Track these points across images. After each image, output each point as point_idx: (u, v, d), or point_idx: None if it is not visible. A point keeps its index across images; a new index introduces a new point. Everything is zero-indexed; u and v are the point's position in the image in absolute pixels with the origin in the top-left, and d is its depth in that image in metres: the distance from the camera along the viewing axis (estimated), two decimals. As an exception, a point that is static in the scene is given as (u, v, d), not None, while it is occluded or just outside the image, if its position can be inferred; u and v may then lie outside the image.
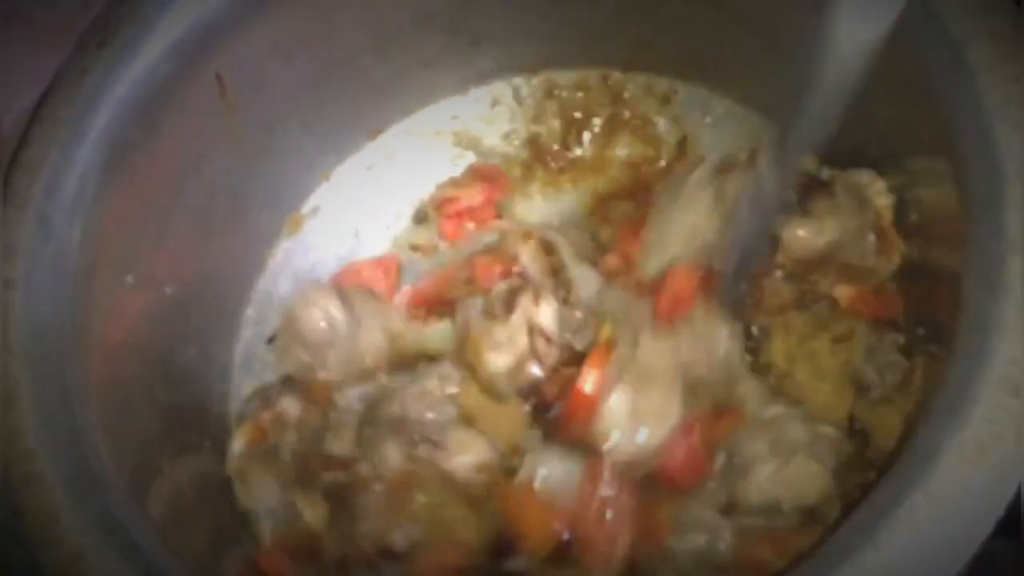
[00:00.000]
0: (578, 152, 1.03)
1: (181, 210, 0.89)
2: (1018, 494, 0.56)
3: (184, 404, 0.88)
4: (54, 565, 0.64)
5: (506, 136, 1.05)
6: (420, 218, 1.03)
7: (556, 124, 1.03)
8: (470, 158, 1.05)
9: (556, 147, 1.03)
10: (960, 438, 0.56)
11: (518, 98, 1.05)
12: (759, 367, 0.82)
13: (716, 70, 0.98)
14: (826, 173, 0.83)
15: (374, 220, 1.04)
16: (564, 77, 1.03)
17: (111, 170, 0.80)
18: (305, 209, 1.03)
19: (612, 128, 1.02)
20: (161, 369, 0.87)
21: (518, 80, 1.04)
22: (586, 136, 1.03)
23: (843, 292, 0.81)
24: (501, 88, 1.05)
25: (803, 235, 0.80)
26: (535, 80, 1.04)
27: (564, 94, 1.03)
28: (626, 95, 1.02)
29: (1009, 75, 0.66)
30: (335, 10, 0.91)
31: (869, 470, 0.73)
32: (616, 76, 1.02)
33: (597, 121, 1.02)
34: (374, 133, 1.04)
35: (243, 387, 0.96)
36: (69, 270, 0.76)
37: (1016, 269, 0.59)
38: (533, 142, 1.04)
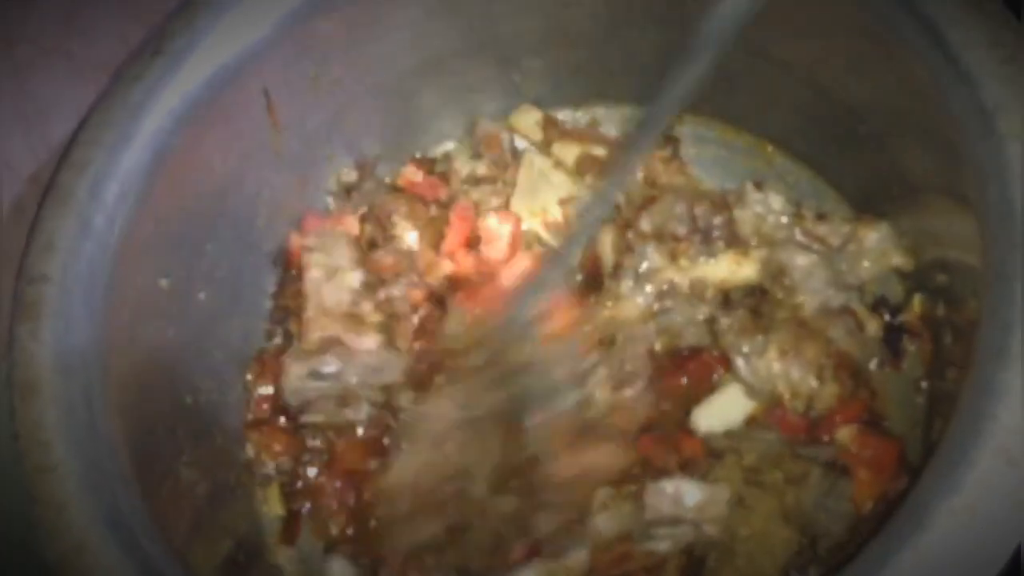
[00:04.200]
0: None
1: (220, 220, 0.91)
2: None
3: (208, 410, 0.90)
4: (57, 556, 0.66)
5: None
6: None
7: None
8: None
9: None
10: (951, 503, 0.55)
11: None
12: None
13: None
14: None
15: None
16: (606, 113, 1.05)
17: (154, 176, 0.82)
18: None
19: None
20: (189, 373, 0.89)
21: (563, 112, 1.05)
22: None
23: (847, 434, 0.81)
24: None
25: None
26: (579, 113, 1.05)
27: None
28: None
29: (1039, 144, 0.65)
30: (384, 36, 0.93)
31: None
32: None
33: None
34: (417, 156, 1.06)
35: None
36: (105, 270, 0.78)
37: (1024, 338, 0.59)
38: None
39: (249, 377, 0.94)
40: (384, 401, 0.91)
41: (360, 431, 0.91)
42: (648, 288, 0.89)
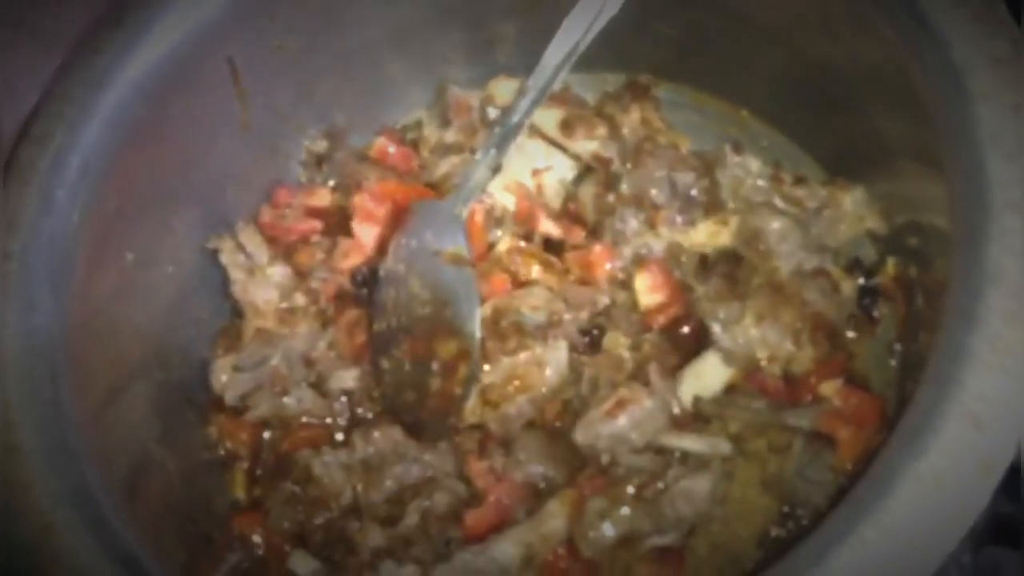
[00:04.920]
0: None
1: (188, 194, 0.90)
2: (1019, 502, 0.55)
3: (179, 385, 0.89)
4: (24, 536, 0.65)
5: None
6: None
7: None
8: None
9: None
10: (917, 468, 0.55)
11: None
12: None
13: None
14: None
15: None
16: (579, 79, 1.02)
17: (117, 151, 0.81)
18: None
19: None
20: (159, 348, 0.88)
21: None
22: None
23: (830, 388, 0.81)
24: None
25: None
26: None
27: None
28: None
29: (1007, 104, 0.64)
30: (351, 3, 0.92)
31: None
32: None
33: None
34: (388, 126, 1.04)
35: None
36: (68, 246, 0.77)
37: (992, 303, 0.58)
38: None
39: (219, 353, 0.92)
40: (316, 381, 0.90)
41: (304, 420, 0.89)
42: (626, 251, 0.89)
